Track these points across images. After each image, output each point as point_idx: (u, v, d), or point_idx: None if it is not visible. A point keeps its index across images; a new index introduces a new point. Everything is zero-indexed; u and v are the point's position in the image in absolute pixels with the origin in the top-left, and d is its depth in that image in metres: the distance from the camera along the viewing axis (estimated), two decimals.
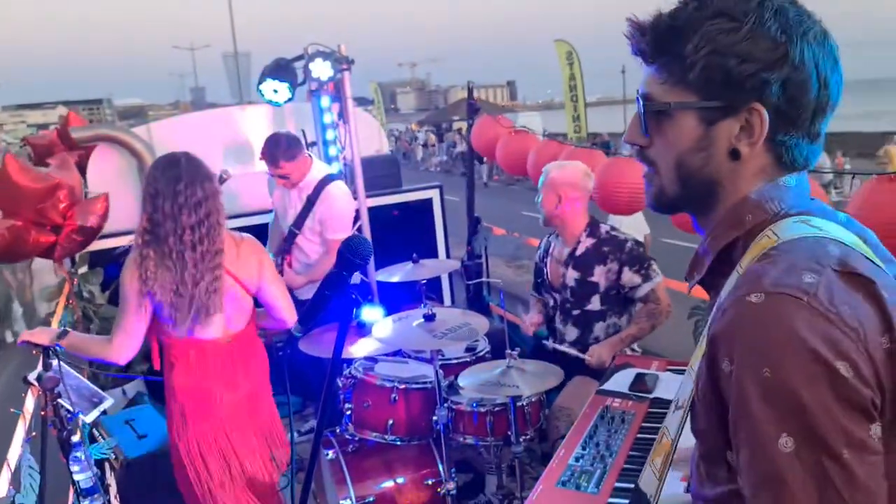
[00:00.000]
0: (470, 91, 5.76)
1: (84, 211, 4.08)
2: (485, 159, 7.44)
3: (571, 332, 3.51)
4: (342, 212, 4.16)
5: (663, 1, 1.06)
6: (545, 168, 3.56)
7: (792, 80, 0.98)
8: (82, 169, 5.22)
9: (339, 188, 4.20)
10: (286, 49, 5.02)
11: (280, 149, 4.01)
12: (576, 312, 3.48)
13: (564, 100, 22.63)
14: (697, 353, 1.08)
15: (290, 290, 4.21)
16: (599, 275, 3.40)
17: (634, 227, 6.62)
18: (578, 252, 3.46)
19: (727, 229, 1.07)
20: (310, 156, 4.25)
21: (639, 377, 2.80)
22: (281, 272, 4.24)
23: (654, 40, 1.05)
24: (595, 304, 3.43)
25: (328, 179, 4.18)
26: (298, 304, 4.25)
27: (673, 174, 1.08)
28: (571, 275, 3.46)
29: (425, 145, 35.75)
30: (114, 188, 5.14)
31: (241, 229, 3.00)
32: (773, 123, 1.00)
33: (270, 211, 4.60)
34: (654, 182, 1.12)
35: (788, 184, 1.05)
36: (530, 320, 3.63)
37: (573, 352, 3.38)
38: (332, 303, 1.51)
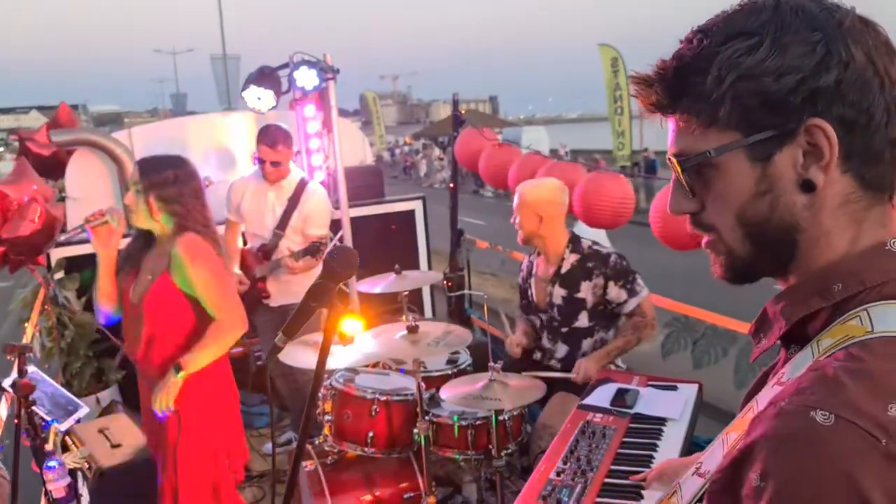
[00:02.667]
0: (455, 103, 5.78)
1: (15, 222, 4.05)
2: None
3: (560, 350, 3.51)
4: (325, 208, 4.32)
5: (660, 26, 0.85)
6: (519, 189, 3.53)
7: (846, 80, 0.80)
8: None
9: (318, 186, 4.40)
10: (269, 58, 5.01)
11: (280, 133, 4.12)
12: (564, 330, 3.48)
13: (608, 112, 20.32)
14: (737, 423, 0.88)
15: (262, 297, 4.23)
16: (586, 290, 3.40)
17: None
18: (564, 269, 3.46)
19: (809, 296, 0.86)
20: None
21: (620, 392, 2.81)
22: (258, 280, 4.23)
23: (667, 87, 0.88)
24: (583, 320, 3.44)
25: (305, 180, 4.33)
26: (269, 311, 4.26)
27: (739, 233, 0.88)
28: (558, 292, 3.46)
29: (428, 159, 34.06)
30: (94, 193, 5.10)
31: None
32: (842, 136, 0.81)
33: None
34: (720, 249, 0.92)
35: (895, 248, 0.84)
36: (516, 341, 3.58)
37: (557, 374, 3.38)
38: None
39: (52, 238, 4.36)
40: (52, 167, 5.69)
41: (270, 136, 4.09)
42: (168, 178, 2.73)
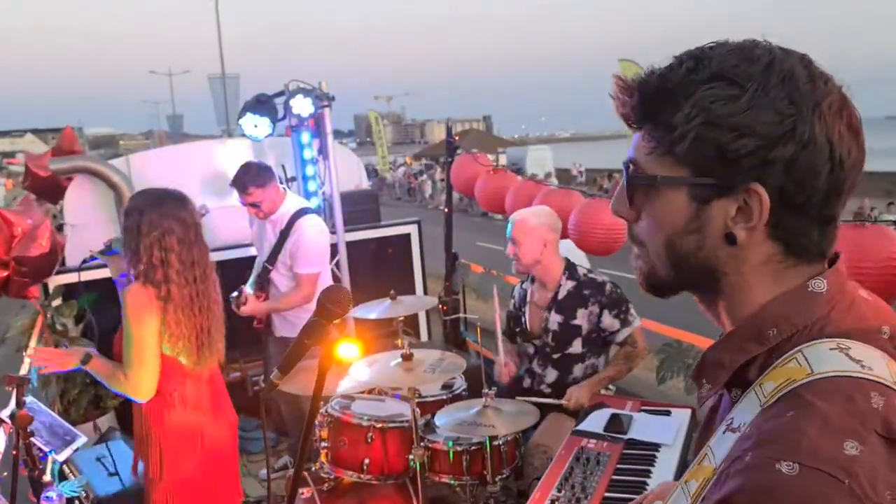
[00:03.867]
0: (449, 129, 5.84)
1: (26, 242, 4.09)
2: None
3: (550, 375, 3.54)
4: (312, 245, 4.10)
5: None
6: (519, 217, 3.53)
7: (799, 160, 0.83)
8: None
9: (310, 222, 4.15)
10: (265, 79, 5.08)
11: (249, 175, 3.99)
12: (556, 356, 3.51)
13: (626, 130, 21.60)
14: (695, 471, 0.90)
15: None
16: (582, 317, 3.44)
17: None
18: (561, 296, 3.50)
19: (745, 342, 0.90)
20: (284, 189, 4.24)
21: (614, 418, 2.83)
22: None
23: (641, 103, 0.91)
24: (576, 347, 3.47)
25: (301, 213, 4.15)
26: (275, 340, 4.29)
27: (664, 256, 0.94)
28: (555, 319, 3.49)
29: (432, 179, 32.91)
30: (92, 220, 5.14)
31: (219, 263, 3.02)
32: (775, 207, 0.85)
33: (250, 244, 4.60)
34: (645, 261, 0.97)
35: (817, 288, 0.88)
36: (505, 367, 3.55)
37: (549, 400, 3.40)
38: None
39: (56, 263, 4.38)
40: (52, 190, 5.74)
41: (238, 181, 4.02)
42: (129, 226, 2.66)
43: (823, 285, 0.88)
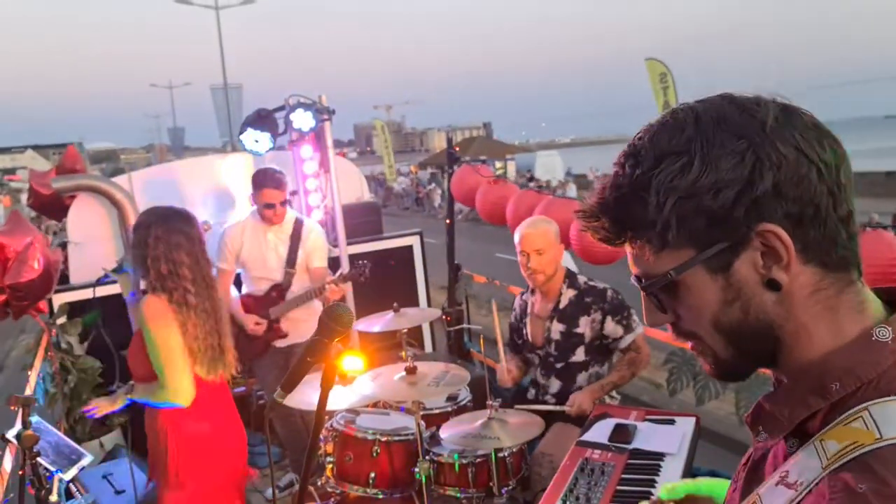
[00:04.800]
0: (449, 140, 5.86)
1: (17, 266, 4.08)
2: None
3: (554, 385, 3.54)
4: (324, 241, 4.49)
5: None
6: (538, 228, 3.48)
7: (783, 181, 0.82)
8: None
9: (314, 223, 4.57)
10: (266, 90, 5.12)
11: (280, 174, 4.24)
12: (559, 366, 3.51)
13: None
14: None
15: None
16: (584, 325, 3.44)
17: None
18: (562, 305, 3.50)
19: (805, 395, 0.86)
20: None
21: (618, 427, 2.83)
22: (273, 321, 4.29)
23: (612, 220, 0.90)
24: (580, 355, 3.47)
25: (300, 218, 4.46)
26: (274, 351, 4.29)
27: (719, 339, 0.90)
28: (557, 328, 3.50)
29: (441, 188, 31.77)
30: (95, 237, 5.15)
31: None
32: (794, 232, 0.83)
33: None
34: (706, 353, 0.93)
35: (882, 337, 0.84)
36: (508, 372, 3.57)
37: (551, 407, 3.40)
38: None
39: (53, 283, 4.39)
40: (56, 207, 5.75)
41: (275, 179, 4.19)
42: (137, 241, 2.75)
43: (888, 333, 0.84)
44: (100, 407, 2.90)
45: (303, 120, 4.87)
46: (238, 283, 4.53)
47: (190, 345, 2.72)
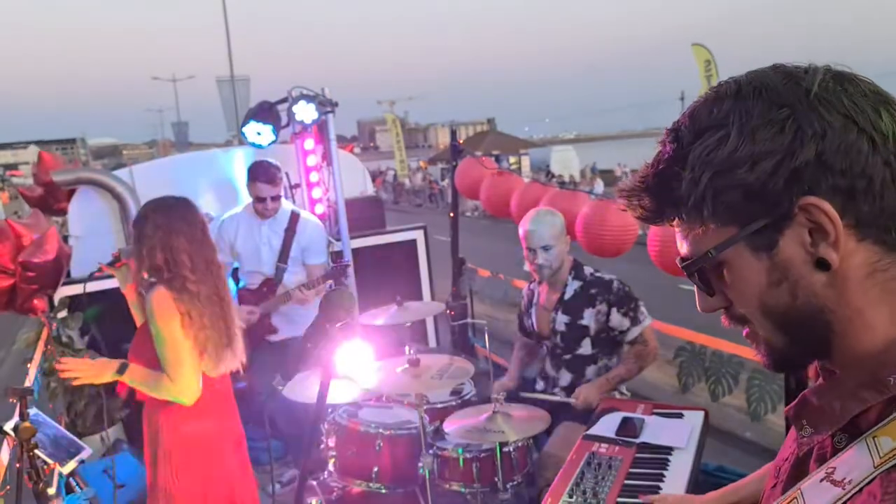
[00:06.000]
0: (453, 133, 5.82)
1: (32, 249, 4.08)
2: None
3: (564, 377, 3.49)
4: (322, 236, 4.38)
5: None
6: (545, 222, 3.42)
7: (828, 150, 0.75)
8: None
9: (311, 216, 4.45)
10: (270, 84, 5.08)
11: (274, 168, 4.16)
12: (567, 357, 3.46)
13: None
14: None
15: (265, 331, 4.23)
16: (589, 317, 3.39)
17: None
18: (567, 296, 3.45)
19: (859, 389, 0.80)
20: None
21: (625, 421, 2.78)
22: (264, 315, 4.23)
23: (651, 197, 0.87)
24: (586, 347, 3.42)
25: (296, 211, 4.35)
26: (268, 346, 4.25)
27: (768, 325, 0.84)
28: (562, 319, 3.45)
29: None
30: (96, 231, 5.12)
31: None
32: (844, 206, 0.76)
33: None
34: (758, 339, 0.88)
35: None
36: (501, 386, 3.54)
37: (556, 398, 3.35)
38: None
39: (63, 272, 4.36)
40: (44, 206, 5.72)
41: (268, 173, 4.12)
42: (135, 232, 2.69)
43: None
44: (81, 373, 2.70)
45: (305, 112, 4.83)
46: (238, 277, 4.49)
47: (196, 334, 2.64)
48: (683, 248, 0.88)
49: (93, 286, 4.64)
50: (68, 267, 4.54)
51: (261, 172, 4.13)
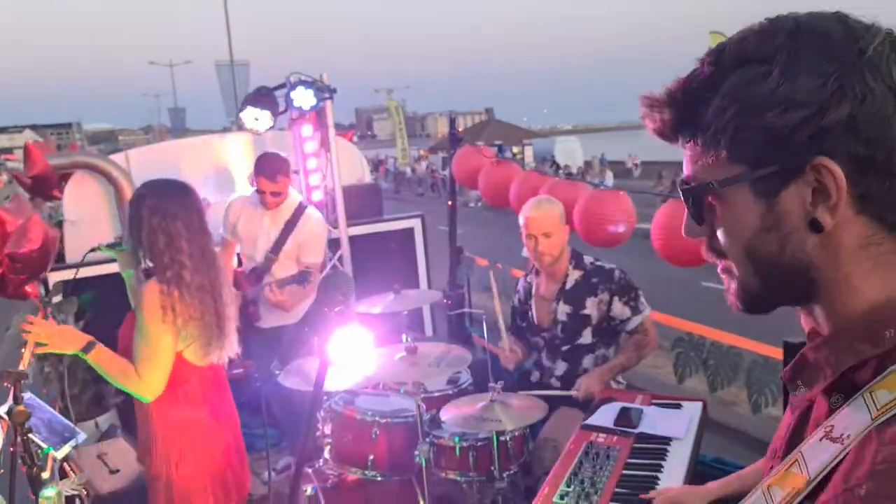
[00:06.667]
0: (452, 121, 5.79)
1: (16, 238, 4.04)
2: None
3: (560, 367, 3.47)
4: (321, 235, 4.30)
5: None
6: (544, 210, 3.39)
7: (861, 116, 0.73)
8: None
9: (316, 212, 4.35)
10: (263, 74, 5.04)
11: (279, 164, 4.09)
12: (565, 348, 3.45)
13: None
14: (781, 477, 0.82)
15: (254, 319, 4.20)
16: (591, 307, 3.38)
17: None
18: (568, 286, 3.44)
19: (855, 342, 0.79)
20: None
21: (623, 412, 2.77)
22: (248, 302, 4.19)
23: (673, 113, 0.85)
24: (586, 337, 3.41)
25: (304, 205, 4.30)
26: (261, 332, 4.22)
27: (748, 265, 0.84)
28: (563, 309, 3.43)
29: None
30: (91, 216, 5.09)
31: None
32: (855, 176, 0.75)
33: None
34: (733, 276, 0.88)
35: None
36: (511, 352, 3.51)
37: (557, 392, 3.34)
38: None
39: (50, 259, 4.34)
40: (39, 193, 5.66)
41: (270, 168, 4.07)
42: (132, 214, 2.61)
43: None
44: (47, 339, 2.62)
45: (304, 98, 4.79)
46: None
47: (183, 326, 2.57)
48: (687, 169, 0.87)
49: (88, 271, 4.62)
50: (56, 251, 4.50)
51: (263, 166, 4.09)
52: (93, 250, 2.96)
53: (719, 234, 0.86)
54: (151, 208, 2.58)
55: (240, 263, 4.46)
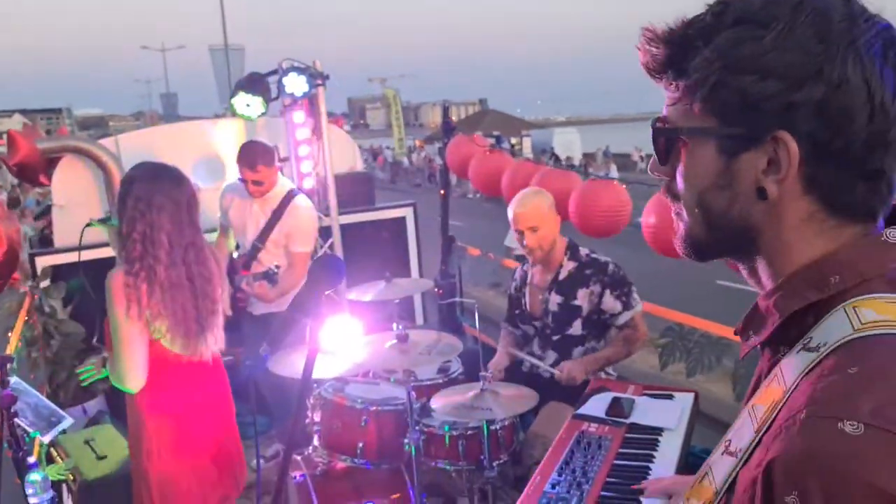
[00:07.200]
0: (445, 110, 5.78)
1: None
2: None
3: (550, 357, 3.47)
4: (309, 225, 4.21)
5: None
6: (531, 203, 3.38)
7: (830, 103, 0.76)
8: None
9: (304, 201, 4.26)
10: (256, 62, 5.00)
11: (258, 153, 4.01)
12: (556, 338, 3.44)
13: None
14: (764, 394, 0.84)
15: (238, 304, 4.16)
16: (582, 298, 3.37)
17: None
18: (562, 276, 3.43)
19: (804, 289, 0.82)
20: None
21: (615, 401, 2.76)
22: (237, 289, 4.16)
23: (665, 52, 0.86)
24: (576, 328, 3.40)
25: (292, 193, 4.22)
26: (253, 318, 4.20)
27: (697, 214, 0.89)
28: (555, 299, 3.42)
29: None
30: (81, 200, 5.04)
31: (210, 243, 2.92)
32: (809, 157, 0.78)
33: None
34: (682, 221, 0.92)
35: (893, 238, 0.82)
36: (495, 367, 3.49)
37: (538, 362, 3.34)
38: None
39: (17, 261, 4.23)
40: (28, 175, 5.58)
41: (248, 157, 4.00)
42: (119, 196, 2.54)
43: None
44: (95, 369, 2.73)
45: (296, 84, 4.76)
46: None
47: (152, 321, 2.50)
48: (664, 110, 0.90)
49: (76, 256, 4.58)
50: (22, 249, 4.41)
51: (242, 155, 4.03)
52: (88, 226, 2.92)
53: (678, 178, 0.90)
54: (137, 196, 2.50)
55: (237, 247, 4.44)
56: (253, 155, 4.00)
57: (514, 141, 31.34)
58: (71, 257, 4.60)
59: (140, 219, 2.49)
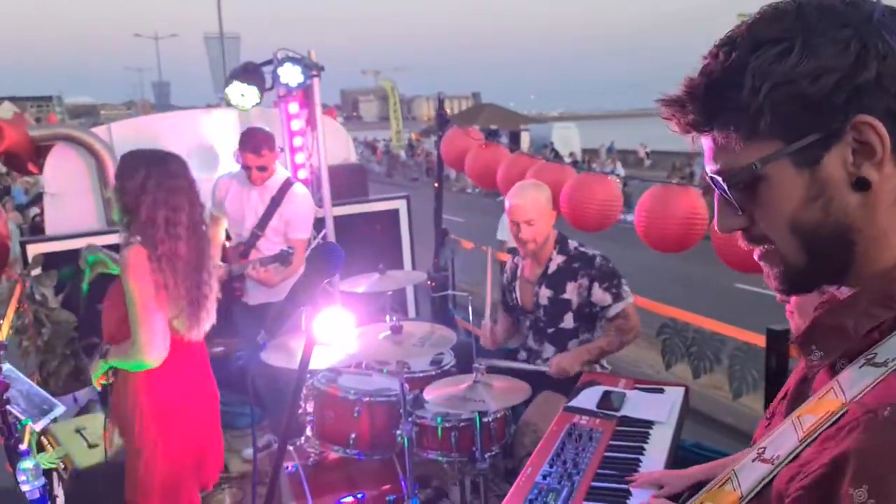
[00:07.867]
0: (440, 102, 5.75)
1: None
2: None
3: (547, 350, 3.47)
4: (307, 212, 4.25)
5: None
6: (528, 196, 3.37)
7: (887, 73, 0.77)
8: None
9: (302, 188, 4.31)
10: (250, 53, 4.97)
11: (262, 138, 4.05)
12: (550, 331, 3.45)
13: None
14: (814, 406, 0.84)
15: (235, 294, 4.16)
16: (571, 291, 3.37)
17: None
18: (551, 270, 3.43)
19: (871, 306, 0.82)
20: None
21: (606, 395, 2.78)
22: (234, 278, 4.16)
23: (701, 106, 0.85)
24: (568, 321, 3.41)
25: (290, 181, 4.25)
26: (248, 309, 4.20)
27: (793, 242, 0.85)
28: (544, 293, 3.43)
29: None
30: (73, 188, 5.02)
31: None
32: (892, 131, 0.78)
33: None
34: (776, 261, 0.89)
35: None
36: (491, 333, 3.55)
37: (529, 367, 3.35)
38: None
39: (7, 256, 4.21)
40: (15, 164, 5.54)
41: (254, 142, 4.02)
42: (133, 186, 2.58)
43: None
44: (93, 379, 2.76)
45: (291, 74, 4.74)
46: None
47: (173, 302, 2.57)
48: (717, 162, 0.87)
49: (69, 244, 4.58)
50: (10, 244, 4.39)
51: (247, 140, 4.05)
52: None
53: (758, 217, 0.87)
54: (158, 181, 2.57)
55: (228, 238, 4.42)
56: (257, 140, 4.03)
57: (522, 137, 30.56)
58: (63, 245, 4.60)
59: (163, 204, 2.56)
